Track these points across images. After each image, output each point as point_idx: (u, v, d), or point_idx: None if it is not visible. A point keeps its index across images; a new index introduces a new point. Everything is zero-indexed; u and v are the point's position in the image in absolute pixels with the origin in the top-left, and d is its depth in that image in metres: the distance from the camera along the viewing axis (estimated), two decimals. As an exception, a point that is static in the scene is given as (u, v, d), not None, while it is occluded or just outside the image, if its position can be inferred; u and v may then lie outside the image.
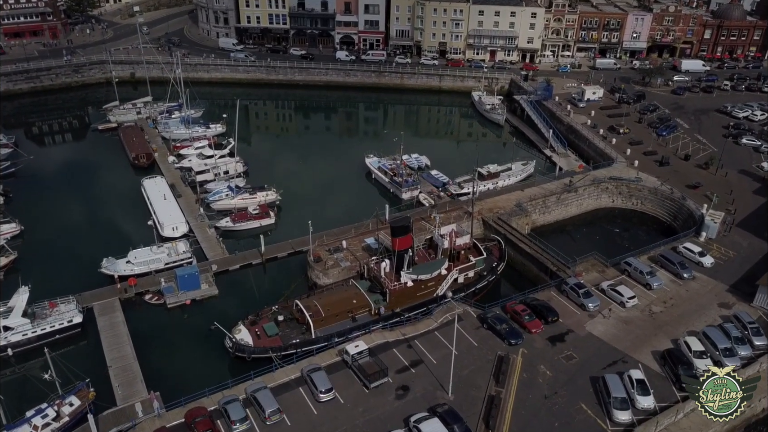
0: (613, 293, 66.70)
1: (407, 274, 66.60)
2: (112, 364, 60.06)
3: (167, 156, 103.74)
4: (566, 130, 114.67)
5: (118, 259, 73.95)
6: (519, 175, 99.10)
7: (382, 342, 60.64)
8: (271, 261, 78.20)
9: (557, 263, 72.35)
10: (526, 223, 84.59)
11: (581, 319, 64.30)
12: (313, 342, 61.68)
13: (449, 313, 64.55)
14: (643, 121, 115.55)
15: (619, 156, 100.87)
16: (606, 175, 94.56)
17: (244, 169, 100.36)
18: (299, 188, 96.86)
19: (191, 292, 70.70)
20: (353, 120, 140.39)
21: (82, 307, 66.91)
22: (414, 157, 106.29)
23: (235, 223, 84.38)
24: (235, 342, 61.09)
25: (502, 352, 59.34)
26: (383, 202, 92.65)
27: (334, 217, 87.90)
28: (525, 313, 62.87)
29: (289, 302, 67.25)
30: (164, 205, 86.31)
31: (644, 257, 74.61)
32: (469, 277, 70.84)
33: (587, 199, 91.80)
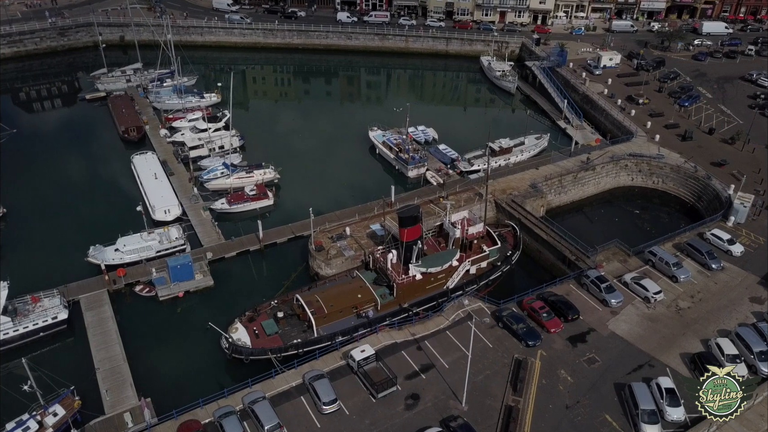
0: (637, 287, 62.04)
1: (416, 267, 61.84)
2: (99, 366, 55.91)
3: (159, 129, 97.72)
4: (581, 100, 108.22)
5: (106, 247, 69.15)
6: (532, 150, 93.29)
7: (389, 343, 56.35)
8: (270, 247, 73.36)
9: (576, 252, 67.51)
10: (540, 205, 79.40)
11: (603, 316, 59.84)
12: (316, 341, 57.35)
13: (461, 310, 60.14)
14: (664, 90, 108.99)
15: (639, 129, 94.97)
16: (625, 151, 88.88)
17: (240, 143, 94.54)
18: (299, 165, 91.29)
19: (185, 283, 66.09)
20: (355, 85, 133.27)
21: (67, 301, 62.56)
22: (420, 130, 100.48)
23: (231, 204, 79.15)
24: (231, 343, 56.75)
25: (519, 354, 55.10)
26: (388, 181, 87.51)
27: (337, 198, 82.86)
28: (543, 311, 58.41)
29: (289, 295, 62.75)
30: (155, 185, 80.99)
31: (669, 244, 69.84)
32: (482, 268, 66.15)
33: (605, 177, 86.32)
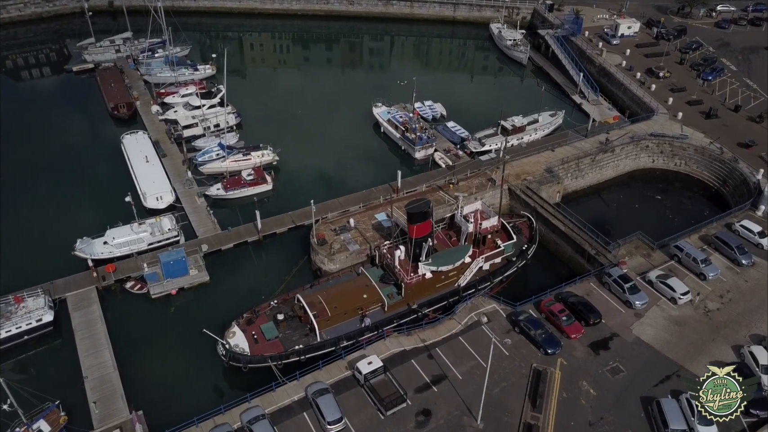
0: (663, 287, 57.86)
1: (426, 265, 57.55)
2: (88, 375, 52.26)
3: (150, 105, 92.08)
4: (598, 73, 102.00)
5: (95, 239, 64.78)
6: (547, 128, 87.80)
7: (398, 350, 52.48)
8: (269, 237, 68.96)
9: (597, 246, 63.11)
10: (557, 191, 74.61)
11: (627, 319, 55.84)
12: (319, 347, 53.50)
13: (475, 312, 56.11)
14: (685, 61, 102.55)
15: (660, 106, 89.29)
16: (646, 131, 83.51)
17: (236, 121, 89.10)
18: (298, 145, 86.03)
19: (178, 279, 62.03)
20: (357, 53, 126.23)
21: (53, 300, 58.63)
22: (428, 105, 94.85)
23: (227, 190, 74.33)
24: (228, 349, 52.90)
25: (537, 364, 51.28)
26: (394, 162, 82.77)
27: (339, 181, 78.13)
28: (563, 315, 54.37)
29: (289, 294, 58.71)
30: (147, 170, 76.08)
31: (695, 237, 65.38)
32: (496, 263, 61.87)
33: (624, 159, 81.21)
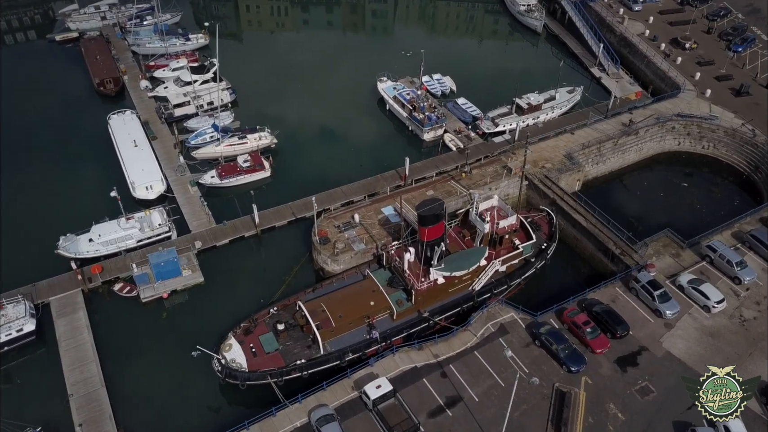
0: (695, 293, 53.34)
1: (438, 270, 52.92)
2: (73, 392, 48.34)
3: (139, 80, 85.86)
4: (618, 43, 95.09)
5: (79, 236, 60.05)
6: (564, 106, 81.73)
7: (408, 367, 48.35)
8: (268, 231, 64.22)
9: (622, 245, 58.34)
10: (577, 179, 69.38)
11: (656, 330, 51.53)
12: (322, 361, 49.42)
13: (491, 322, 51.76)
14: (713, 30, 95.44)
15: (687, 82, 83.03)
16: (671, 110, 77.61)
17: (231, 98, 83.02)
18: (298, 124, 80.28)
19: (170, 281, 57.56)
20: (359, 14, 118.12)
21: (35, 305, 54.38)
22: (436, 80, 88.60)
23: (222, 178, 69.07)
24: (225, 365, 48.79)
25: (560, 384, 47.21)
26: (400, 145, 77.54)
27: (342, 166, 73.00)
28: (588, 326, 50.02)
29: (290, 300, 54.32)
30: (135, 156, 70.69)
31: (727, 233, 60.55)
32: (513, 264, 57.26)
33: (648, 142, 75.55)
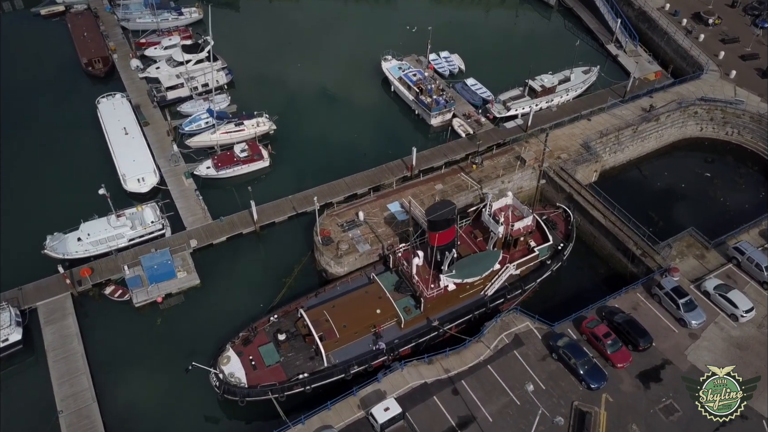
0: (722, 301, 50.18)
1: (449, 277, 49.64)
2: (63, 408, 45.70)
3: (129, 58, 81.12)
4: (637, 18, 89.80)
5: (67, 234, 56.69)
6: (579, 87, 77.22)
7: (418, 383, 45.50)
8: (268, 228, 60.81)
9: (643, 245, 54.93)
10: (594, 170, 65.55)
11: (680, 341, 48.55)
12: (326, 375, 46.61)
13: (505, 333, 48.72)
14: (737, 4, 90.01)
15: (710, 61, 78.34)
16: (694, 94, 73.18)
17: (227, 79, 78.43)
18: (297, 107, 75.92)
19: (165, 284, 54.46)
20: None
21: (21, 311, 51.44)
22: (444, 58, 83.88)
23: (218, 169, 65.23)
24: (222, 380, 46.00)
25: (579, 402, 44.44)
26: (406, 130, 73.77)
27: (344, 152, 69.56)
28: (608, 339, 46.99)
29: (291, 306, 51.27)
30: (126, 144, 66.66)
31: (754, 232, 57.09)
32: (528, 267, 53.96)
33: (669, 128, 71.33)
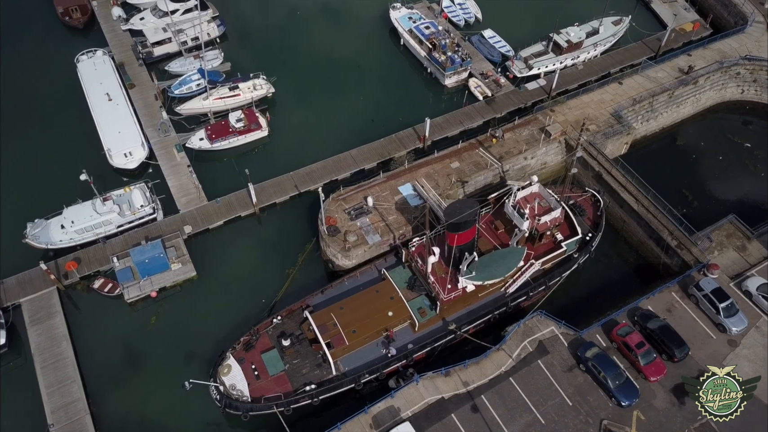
0: (766, 303, 45.96)
1: (468, 279, 45.22)
2: (54, 421, 42.73)
3: (111, 6, 73.27)
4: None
5: (50, 220, 51.94)
6: (608, 42, 69.86)
7: (434, 399, 42.10)
8: (268, 209, 56.02)
9: (679, 236, 50.14)
10: (624, 142, 59.76)
11: (719, 349, 44.75)
12: (335, 385, 43.20)
13: (528, 339, 44.88)
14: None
15: (756, 12, 70.59)
16: (737, 51, 66.14)
17: (219, 32, 70.99)
18: (297, 65, 69.09)
19: (158, 277, 50.35)
20: None
21: (3, 310, 47.82)
22: (458, 5, 75.82)
23: (212, 141, 59.52)
24: (223, 393, 42.65)
25: (609, 420, 41.16)
26: (418, 91, 67.69)
27: (350, 119, 63.50)
28: (641, 349, 43.16)
29: (296, 304, 47.28)
30: (111, 113, 60.63)
31: (801, 218, 52.22)
32: (553, 262, 49.42)
33: (708, 91, 64.80)
